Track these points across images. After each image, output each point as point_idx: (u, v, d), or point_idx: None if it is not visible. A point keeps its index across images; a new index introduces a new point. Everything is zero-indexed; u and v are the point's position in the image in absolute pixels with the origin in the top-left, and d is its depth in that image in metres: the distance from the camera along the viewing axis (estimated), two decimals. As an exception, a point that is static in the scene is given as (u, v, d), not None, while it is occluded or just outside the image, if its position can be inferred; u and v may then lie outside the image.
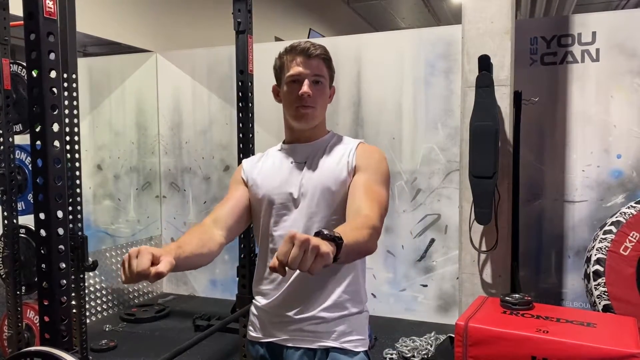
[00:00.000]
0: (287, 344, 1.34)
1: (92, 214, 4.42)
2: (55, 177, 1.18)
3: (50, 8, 1.15)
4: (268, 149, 1.50)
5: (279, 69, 1.38)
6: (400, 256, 3.68)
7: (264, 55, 2.38)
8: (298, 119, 1.34)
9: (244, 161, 1.50)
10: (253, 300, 1.45)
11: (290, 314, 1.33)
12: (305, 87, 1.30)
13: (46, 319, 1.20)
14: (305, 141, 1.39)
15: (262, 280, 1.39)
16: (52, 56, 1.17)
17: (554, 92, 3.22)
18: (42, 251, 1.19)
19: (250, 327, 1.44)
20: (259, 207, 1.38)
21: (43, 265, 1.19)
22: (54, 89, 1.18)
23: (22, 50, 1.19)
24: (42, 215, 1.18)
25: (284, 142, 1.45)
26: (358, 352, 1.33)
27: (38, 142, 1.17)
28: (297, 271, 1.24)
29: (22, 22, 1.16)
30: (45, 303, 1.20)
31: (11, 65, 2.59)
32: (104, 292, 3.85)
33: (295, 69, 1.32)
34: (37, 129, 1.17)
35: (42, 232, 1.19)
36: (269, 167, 1.41)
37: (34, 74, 1.15)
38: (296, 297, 1.33)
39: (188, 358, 2.94)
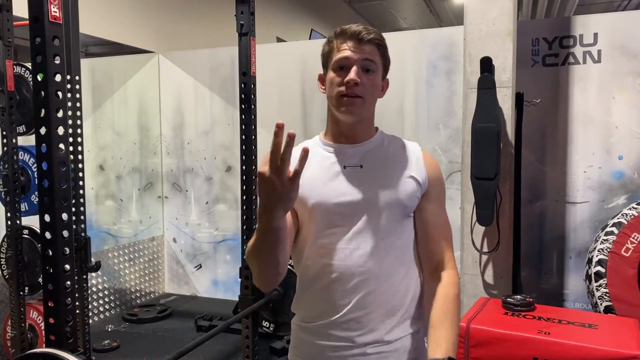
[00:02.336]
0: None
1: (94, 215, 4.44)
2: (60, 180, 1.19)
3: (56, 12, 1.16)
4: (298, 147, 1.23)
5: (327, 55, 1.23)
6: (402, 257, 3.68)
7: (265, 56, 2.38)
8: (342, 109, 1.18)
9: None
10: (297, 322, 1.29)
11: (352, 337, 1.18)
12: (352, 74, 1.15)
13: (51, 320, 1.21)
14: (355, 141, 1.23)
15: (315, 299, 1.23)
16: (57, 60, 1.18)
17: (555, 93, 3.23)
18: (47, 253, 1.20)
19: (296, 352, 1.29)
20: (308, 217, 1.21)
21: (48, 268, 1.20)
22: (59, 93, 1.19)
23: (24, 50, 1.20)
24: (47, 218, 1.19)
25: (325, 139, 1.27)
26: None
27: (43, 145, 1.18)
28: (360, 292, 1.17)
29: (25, 21, 1.17)
30: (51, 305, 1.21)
31: (14, 67, 2.61)
32: (106, 292, 3.86)
33: (344, 53, 1.17)
34: (43, 132, 1.18)
35: (48, 235, 1.20)
36: (316, 171, 1.22)
37: (39, 77, 1.16)
38: (360, 318, 1.18)
39: (190, 358, 2.95)
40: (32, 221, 2.66)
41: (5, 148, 2.57)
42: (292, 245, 1.24)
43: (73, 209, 2.53)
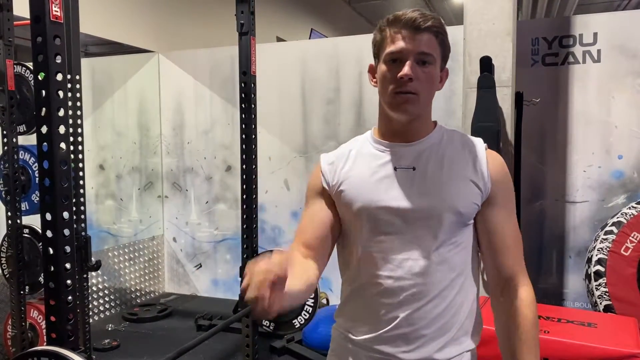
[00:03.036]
0: None
1: (94, 214, 4.44)
2: (61, 178, 1.20)
3: (57, 12, 1.16)
4: (350, 143, 1.20)
5: (379, 45, 1.12)
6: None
7: (265, 55, 2.38)
8: (395, 107, 1.08)
9: (323, 161, 1.19)
10: (340, 330, 1.20)
11: (399, 353, 1.09)
12: (406, 69, 1.04)
13: (52, 319, 1.21)
14: (409, 140, 1.12)
15: (361, 310, 1.14)
16: (58, 59, 1.18)
17: (555, 93, 3.23)
18: (48, 252, 1.20)
19: (335, 359, 1.21)
20: (354, 223, 1.12)
21: (49, 266, 1.21)
22: (60, 92, 1.19)
23: (24, 49, 1.20)
24: (48, 217, 1.20)
25: (377, 136, 1.17)
26: None
27: (45, 144, 1.19)
28: (410, 306, 1.08)
29: (25, 21, 1.17)
30: (52, 303, 1.21)
31: (15, 66, 2.61)
32: (106, 291, 3.87)
33: (397, 44, 1.05)
34: (44, 131, 1.18)
35: (49, 233, 1.20)
36: (364, 172, 1.12)
37: (41, 77, 1.17)
38: (408, 334, 1.08)
39: (190, 358, 2.95)
40: (32, 220, 2.66)
41: (5, 147, 2.57)
42: (330, 250, 1.18)
43: (73, 208, 2.54)
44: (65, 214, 1.21)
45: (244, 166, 2.40)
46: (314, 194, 1.19)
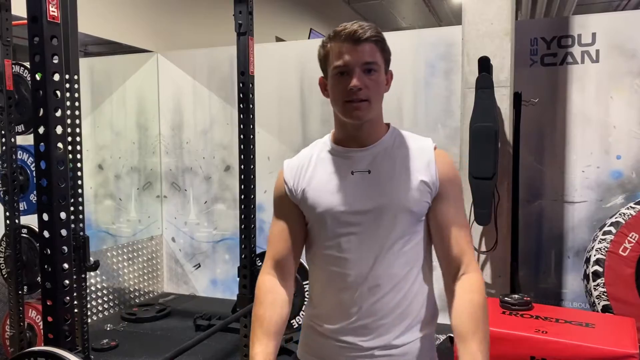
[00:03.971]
0: None
1: (93, 214, 4.44)
2: (58, 179, 1.20)
3: (54, 12, 1.16)
4: (311, 148, 1.28)
5: (324, 59, 1.19)
6: (401, 256, 3.69)
7: (264, 55, 2.38)
8: (348, 114, 1.15)
9: (285, 169, 1.27)
10: (308, 321, 1.29)
11: (361, 342, 1.18)
12: (354, 81, 1.11)
13: (50, 319, 1.21)
14: (364, 144, 1.20)
15: (326, 304, 1.23)
16: (55, 59, 1.18)
17: (553, 93, 3.23)
18: (45, 252, 1.20)
19: (306, 348, 1.29)
20: (317, 224, 1.21)
21: (46, 266, 1.20)
22: (58, 92, 1.19)
23: (22, 49, 1.20)
24: (45, 217, 1.20)
25: (334, 142, 1.24)
26: None
27: (42, 144, 1.19)
28: (369, 299, 1.18)
29: (23, 21, 1.17)
30: (49, 303, 1.21)
31: (13, 66, 2.61)
32: (105, 291, 3.87)
33: (342, 58, 1.13)
34: (41, 131, 1.18)
35: (46, 233, 1.20)
36: (324, 177, 1.21)
37: (38, 77, 1.17)
38: (368, 324, 1.18)
39: (189, 357, 2.95)
40: (30, 220, 2.66)
41: (4, 147, 2.57)
42: (301, 252, 1.28)
43: (72, 208, 2.54)
44: (63, 214, 1.21)
45: (243, 166, 2.40)
46: (280, 202, 1.27)
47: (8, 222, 2.59)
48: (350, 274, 1.17)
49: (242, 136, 2.38)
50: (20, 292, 2.66)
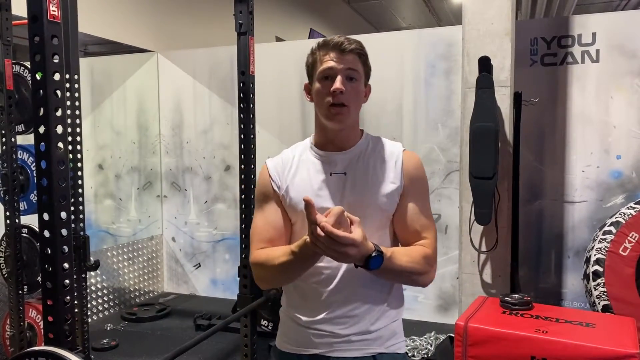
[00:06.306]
0: (333, 355, 1.29)
1: (93, 214, 4.44)
2: (59, 178, 1.20)
3: (54, 11, 1.16)
4: (293, 149, 1.39)
5: (311, 66, 1.31)
6: (401, 256, 3.68)
7: (264, 55, 2.38)
8: (330, 118, 1.27)
9: (270, 167, 1.37)
10: (286, 312, 1.39)
11: (338, 330, 1.28)
12: (337, 83, 1.23)
13: (50, 319, 1.21)
14: (341, 148, 1.32)
15: (304, 297, 1.33)
16: (55, 59, 1.18)
17: (554, 92, 3.23)
18: (46, 252, 1.20)
19: (285, 338, 1.38)
20: (299, 221, 1.31)
21: (47, 266, 1.20)
22: (58, 92, 1.19)
23: (22, 49, 1.20)
24: (46, 217, 1.20)
25: (315, 145, 1.36)
26: (402, 354, 1.35)
27: (42, 144, 1.18)
28: (344, 291, 1.28)
29: (23, 21, 1.17)
30: (49, 303, 1.21)
31: (13, 65, 2.61)
32: (105, 291, 3.87)
33: (328, 63, 1.25)
34: (41, 131, 1.18)
35: (46, 233, 1.20)
36: (305, 178, 1.32)
37: (38, 76, 1.17)
38: (344, 314, 1.28)
39: (189, 357, 2.95)
40: (31, 220, 2.66)
41: (4, 147, 2.57)
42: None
43: (72, 208, 2.53)
44: (63, 214, 1.21)
45: (243, 166, 2.40)
46: (265, 197, 1.36)
47: (8, 221, 2.59)
48: (327, 267, 1.27)
49: (242, 136, 2.38)
50: (20, 291, 2.66)
